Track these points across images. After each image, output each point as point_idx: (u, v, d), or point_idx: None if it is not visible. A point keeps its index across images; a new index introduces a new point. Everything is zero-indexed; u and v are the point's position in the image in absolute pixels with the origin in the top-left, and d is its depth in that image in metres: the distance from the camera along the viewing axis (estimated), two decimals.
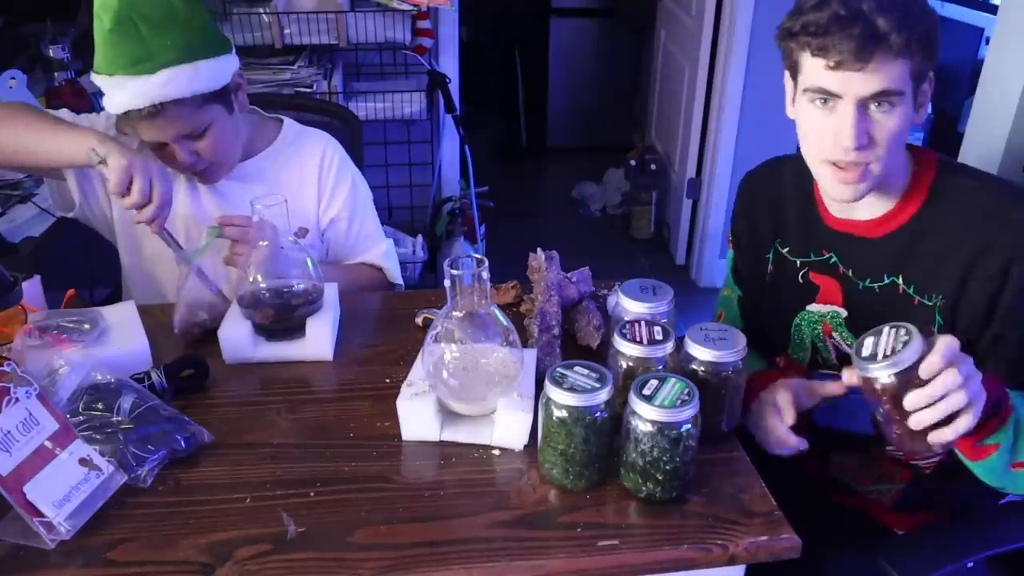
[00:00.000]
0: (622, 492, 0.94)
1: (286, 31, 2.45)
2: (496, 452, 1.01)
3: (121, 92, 1.21)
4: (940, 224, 1.05)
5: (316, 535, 0.88)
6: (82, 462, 0.89)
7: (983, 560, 1.11)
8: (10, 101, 1.92)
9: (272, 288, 1.20)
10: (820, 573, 1.11)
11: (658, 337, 0.98)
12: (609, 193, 4.04)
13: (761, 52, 2.95)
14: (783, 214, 1.19)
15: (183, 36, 1.22)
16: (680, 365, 0.99)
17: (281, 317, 1.18)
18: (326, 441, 1.03)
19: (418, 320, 1.28)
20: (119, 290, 1.56)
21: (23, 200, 1.82)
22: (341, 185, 1.48)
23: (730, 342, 0.98)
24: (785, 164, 1.24)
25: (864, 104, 0.97)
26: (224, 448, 1.00)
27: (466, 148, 2.97)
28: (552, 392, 0.89)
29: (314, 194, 1.47)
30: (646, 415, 0.88)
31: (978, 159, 1.92)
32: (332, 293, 1.27)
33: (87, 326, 1.13)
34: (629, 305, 1.06)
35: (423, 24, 2.68)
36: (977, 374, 0.87)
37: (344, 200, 1.49)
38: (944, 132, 3.05)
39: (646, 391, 0.89)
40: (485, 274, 0.95)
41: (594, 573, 0.86)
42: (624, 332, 0.98)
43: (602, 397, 0.89)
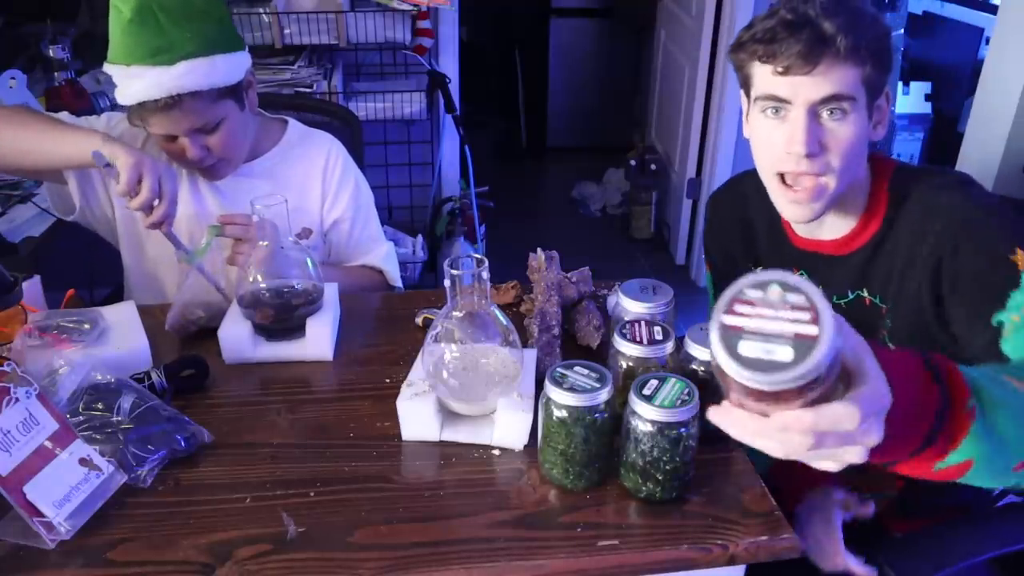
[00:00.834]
0: (622, 492, 0.94)
1: (286, 31, 2.45)
2: (496, 452, 1.01)
3: (138, 82, 1.21)
4: (895, 232, 1.05)
5: (316, 535, 0.88)
6: (82, 462, 0.89)
7: (984, 561, 1.11)
8: (10, 101, 1.93)
9: (272, 288, 1.20)
10: (819, 574, 1.11)
11: (658, 337, 0.98)
12: (609, 193, 4.04)
13: None
14: (752, 234, 1.18)
15: (202, 28, 1.23)
16: (680, 365, 1.00)
17: (281, 317, 1.18)
18: (326, 441, 1.03)
19: (418, 320, 1.28)
20: (119, 290, 1.56)
21: (23, 200, 1.82)
22: (345, 187, 1.49)
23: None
24: (745, 183, 1.23)
25: (816, 111, 0.97)
26: (224, 448, 1.00)
27: (466, 148, 2.97)
28: (552, 392, 0.89)
29: (318, 195, 1.48)
30: (646, 415, 0.88)
31: (978, 159, 1.92)
32: (332, 293, 1.27)
33: (87, 326, 1.13)
34: (629, 305, 1.06)
35: (423, 24, 2.68)
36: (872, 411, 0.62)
37: (347, 202, 1.49)
38: (944, 132, 3.05)
39: (646, 391, 0.89)
40: (485, 274, 0.95)
41: (594, 573, 0.86)
42: (624, 332, 0.99)
43: (602, 397, 0.89)
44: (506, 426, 1.00)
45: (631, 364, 0.97)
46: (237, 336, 1.17)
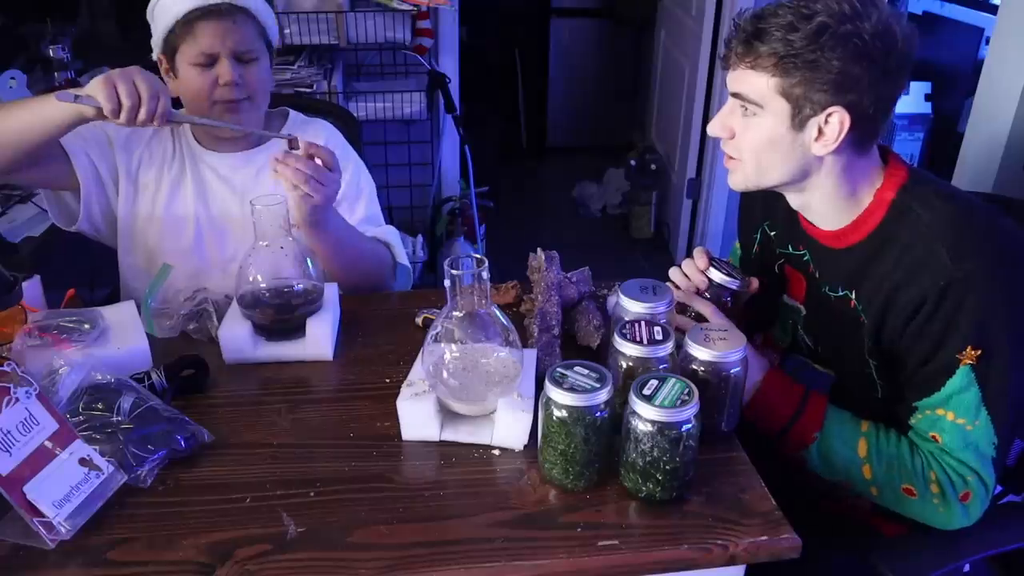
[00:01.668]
0: (622, 492, 0.94)
1: (286, 31, 2.45)
2: (496, 452, 1.01)
3: None
4: (888, 247, 1.05)
5: (316, 535, 0.88)
6: (82, 462, 0.89)
7: (981, 560, 1.11)
8: (11, 99, 1.92)
9: (272, 288, 1.20)
10: (819, 574, 1.11)
11: (658, 337, 0.98)
12: (609, 193, 4.04)
13: None
14: (776, 198, 1.20)
15: None
16: (680, 365, 1.00)
17: (281, 317, 1.18)
18: (326, 441, 1.03)
19: (418, 320, 1.28)
20: (119, 290, 1.56)
21: (23, 200, 1.82)
22: (344, 167, 1.48)
23: (730, 342, 0.98)
24: None
25: (737, 104, 1.05)
26: (224, 448, 1.00)
27: (466, 148, 2.97)
28: (552, 392, 0.89)
29: None
30: (646, 415, 0.88)
31: (978, 159, 1.92)
32: (332, 293, 1.27)
33: (87, 326, 1.13)
34: (629, 305, 1.06)
35: (423, 24, 2.68)
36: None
37: (348, 182, 1.49)
38: (944, 132, 3.05)
39: (646, 391, 0.89)
40: (485, 274, 0.95)
41: (594, 573, 0.86)
42: (624, 332, 0.98)
43: (602, 397, 0.89)
44: (506, 426, 1.00)
45: (631, 364, 0.97)
46: (237, 336, 1.17)
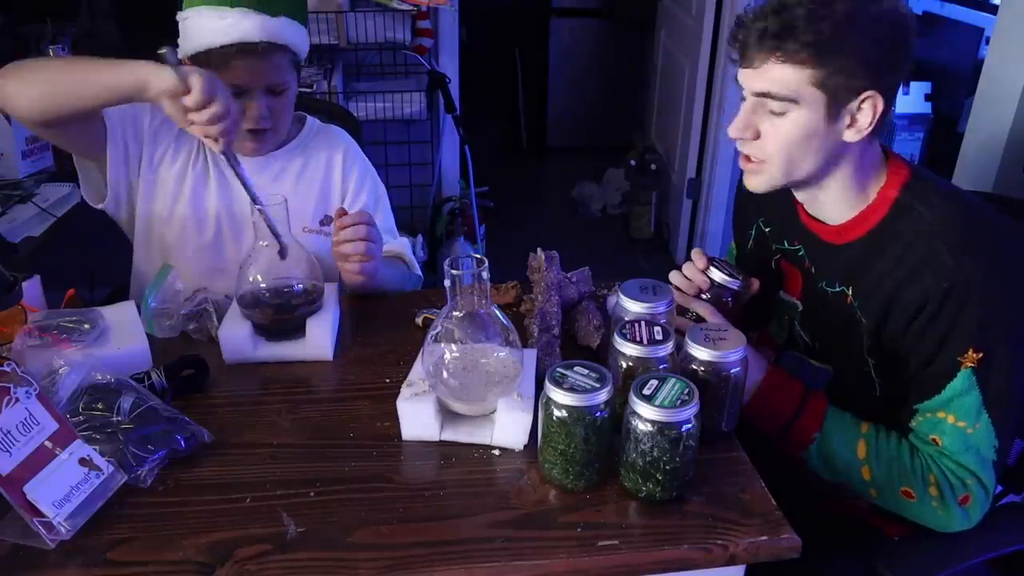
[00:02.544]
0: (622, 492, 0.94)
1: None
2: (496, 452, 1.01)
3: (239, 24, 1.26)
4: (888, 246, 1.05)
5: (316, 535, 0.88)
6: (82, 462, 0.89)
7: (983, 562, 1.11)
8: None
9: (272, 288, 1.20)
10: (819, 574, 1.11)
11: (658, 337, 0.98)
12: (609, 193, 4.04)
13: None
14: (771, 194, 1.20)
15: None
16: (680, 365, 1.00)
17: (281, 317, 1.18)
18: (326, 441, 1.03)
19: (418, 320, 1.28)
20: (119, 290, 1.56)
21: (23, 200, 1.82)
22: (364, 178, 1.52)
23: (730, 342, 0.98)
24: None
25: (762, 102, 1.02)
26: (224, 448, 1.00)
27: (466, 148, 2.97)
28: (552, 392, 0.89)
29: (338, 184, 1.50)
30: (646, 415, 0.88)
31: (978, 159, 1.92)
32: (332, 293, 1.27)
33: (87, 326, 1.13)
34: (629, 305, 1.06)
35: (423, 24, 2.68)
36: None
37: (367, 193, 1.52)
38: (944, 132, 3.05)
39: (646, 391, 0.89)
40: (485, 274, 0.95)
41: (594, 573, 0.86)
42: (624, 332, 0.98)
43: (602, 397, 0.89)
44: (506, 426, 1.00)
45: (631, 364, 0.97)
46: (237, 336, 1.17)
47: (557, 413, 0.90)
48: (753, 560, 0.88)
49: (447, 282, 0.95)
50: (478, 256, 0.95)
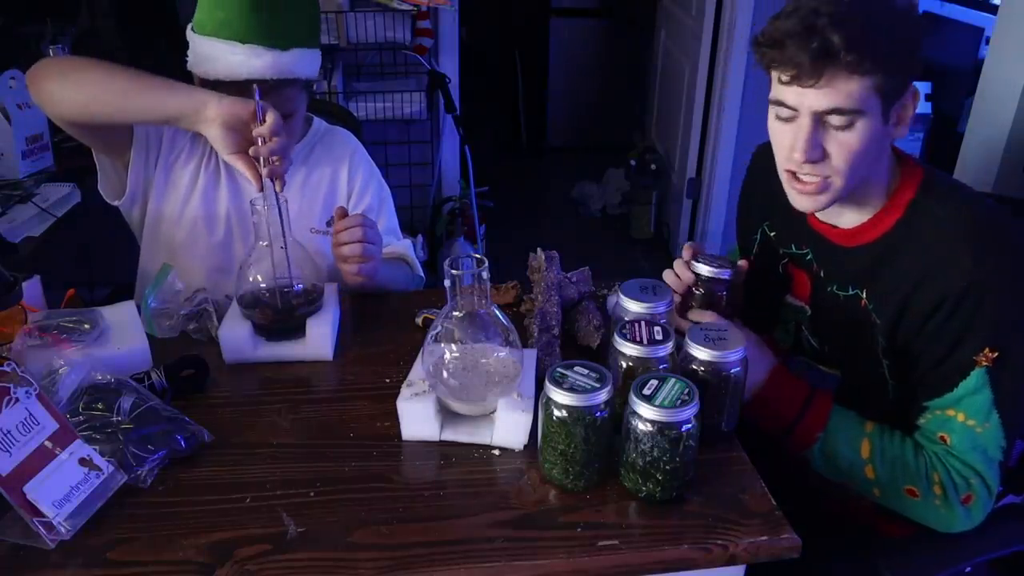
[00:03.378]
0: (622, 492, 0.94)
1: None
2: (496, 452, 1.01)
3: (250, 61, 1.24)
4: (905, 247, 1.05)
5: (316, 535, 0.88)
6: (82, 462, 0.89)
7: (983, 563, 1.11)
8: (10, 101, 1.92)
9: (272, 288, 1.20)
10: (819, 574, 1.11)
11: (658, 337, 0.98)
12: (609, 193, 4.04)
13: None
14: (776, 197, 1.19)
15: (309, 20, 1.30)
16: (680, 365, 1.00)
17: (281, 317, 1.18)
18: (326, 441, 1.03)
19: (418, 320, 1.28)
20: (119, 290, 1.56)
21: (23, 200, 1.82)
22: (369, 181, 1.53)
23: (730, 342, 0.98)
24: None
25: (821, 119, 0.98)
26: (224, 448, 1.00)
27: (466, 148, 2.97)
28: (552, 392, 0.89)
29: (344, 188, 1.51)
30: (646, 415, 0.88)
31: (978, 159, 1.92)
32: (332, 293, 1.27)
33: (87, 326, 1.12)
34: (629, 305, 1.06)
35: (423, 24, 2.69)
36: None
37: (372, 194, 1.52)
38: (944, 132, 3.05)
39: (646, 391, 0.89)
40: (485, 274, 0.95)
41: (594, 573, 0.86)
42: (624, 332, 0.98)
43: (602, 397, 0.89)
44: (506, 426, 1.00)
45: (631, 364, 0.97)
46: (237, 336, 1.17)
47: (557, 413, 0.90)
48: (753, 560, 0.88)
49: (447, 282, 0.95)
50: (478, 256, 0.95)
